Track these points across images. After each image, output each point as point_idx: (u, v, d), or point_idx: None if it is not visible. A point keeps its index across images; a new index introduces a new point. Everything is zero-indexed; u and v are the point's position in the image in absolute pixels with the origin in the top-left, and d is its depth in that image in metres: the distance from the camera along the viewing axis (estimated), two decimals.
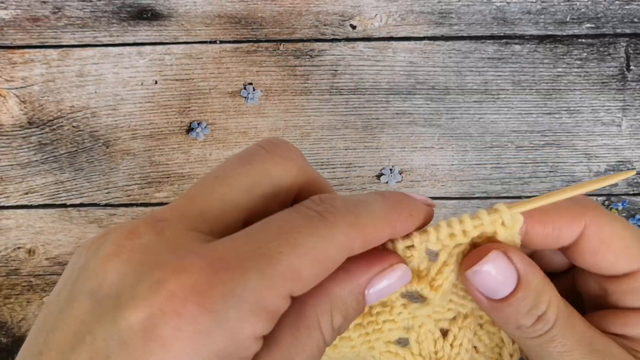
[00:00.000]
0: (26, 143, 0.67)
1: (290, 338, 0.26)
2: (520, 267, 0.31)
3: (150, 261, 0.23)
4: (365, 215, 0.26)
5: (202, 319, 0.22)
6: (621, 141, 0.67)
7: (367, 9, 0.66)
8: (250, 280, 0.23)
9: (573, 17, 0.66)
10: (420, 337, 0.35)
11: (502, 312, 0.31)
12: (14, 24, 0.67)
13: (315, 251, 0.24)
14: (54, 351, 0.24)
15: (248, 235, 0.24)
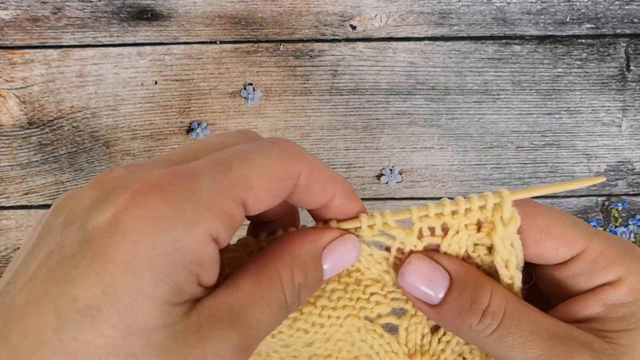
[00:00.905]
0: (26, 143, 0.67)
1: (250, 286, 0.28)
2: (449, 266, 0.32)
3: (120, 185, 0.25)
4: (314, 157, 0.29)
5: (160, 208, 0.24)
6: (621, 141, 0.67)
7: (367, 10, 0.66)
8: (204, 181, 0.25)
9: (573, 18, 0.67)
10: (410, 328, 0.35)
11: (446, 316, 0.31)
12: (14, 25, 0.67)
13: (264, 167, 0.26)
14: (24, 267, 0.26)
15: (208, 156, 0.27)
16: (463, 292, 0.31)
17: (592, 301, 0.31)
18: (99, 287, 0.23)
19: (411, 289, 0.32)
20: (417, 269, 0.32)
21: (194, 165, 0.26)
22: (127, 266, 0.23)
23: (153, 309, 0.24)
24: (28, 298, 0.24)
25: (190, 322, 0.25)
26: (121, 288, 0.23)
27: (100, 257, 0.24)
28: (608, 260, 0.31)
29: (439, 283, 0.31)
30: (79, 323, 0.23)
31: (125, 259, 0.23)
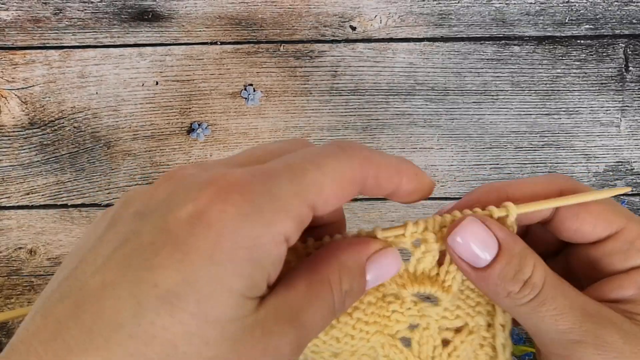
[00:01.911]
0: (27, 144, 0.68)
1: (304, 287, 0.29)
2: (499, 234, 0.32)
3: (197, 181, 0.26)
4: (379, 155, 0.29)
5: (243, 205, 0.25)
6: (620, 142, 0.67)
7: (367, 11, 0.67)
8: (283, 184, 0.26)
9: (572, 18, 0.67)
10: (422, 340, 0.36)
11: (488, 281, 0.32)
12: (15, 25, 0.67)
13: (335, 172, 0.27)
14: (93, 254, 0.26)
15: (280, 159, 0.28)
16: (510, 261, 0.32)
17: (626, 283, 0.32)
18: (180, 275, 0.24)
19: (461, 249, 0.32)
20: (471, 230, 0.32)
21: (271, 167, 0.27)
22: (210, 257, 0.24)
23: (230, 300, 0.25)
24: (104, 281, 0.25)
25: (259, 317, 0.26)
26: (202, 277, 0.24)
27: (184, 246, 0.24)
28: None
29: (490, 247, 0.32)
30: (158, 309, 0.24)
31: (209, 249, 0.24)
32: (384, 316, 0.35)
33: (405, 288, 0.34)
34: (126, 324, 0.24)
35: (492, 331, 0.37)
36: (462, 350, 0.37)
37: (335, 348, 0.35)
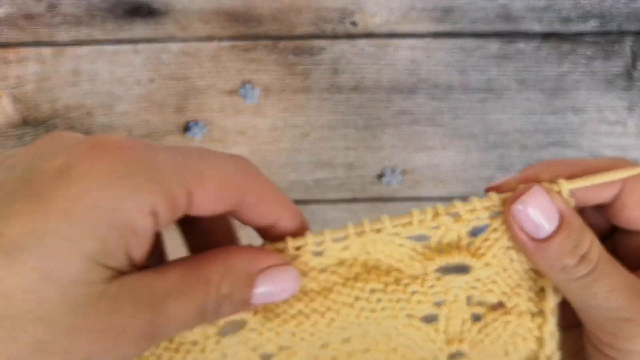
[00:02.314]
0: (20, 143, 0.67)
1: (177, 276, 0.28)
2: (561, 207, 0.33)
3: (77, 138, 0.26)
4: (267, 180, 0.31)
5: (114, 164, 0.24)
6: (627, 141, 0.67)
7: (368, 6, 0.66)
8: (162, 158, 0.26)
9: (578, 15, 0.66)
10: (451, 313, 0.36)
11: (546, 253, 0.33)
12: (7, 22, 0.67)
13: (218, 169, 0.28)
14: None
15: (171, 146, 0.28)
16: (569, 234, 0.32)
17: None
18: (30, 226, 0.23)
19: (524, 217, 0.32)
20: (536, 200, 0.32)
21: (157, 144, 0.26)
22: (64, 212, 0.23)
23: (76, 261, 0.24)
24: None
25: (109, 289, 0.25)
26: (51, 232, 0.23)
27: (39, 199, 0.23)
28: None
29: (553, 218, 0.32)
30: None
31: (65, 205, 0.23)
32: (400, 299, 0.34)
33: (432, 260, 0.34)
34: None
35: (537, 321, 0.37)
36: (493, 328, 0.36)
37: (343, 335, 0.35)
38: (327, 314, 0.34)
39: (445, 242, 0.34)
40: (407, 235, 0.33)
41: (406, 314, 0.35)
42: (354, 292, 0.34)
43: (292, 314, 0.34)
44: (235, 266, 0.30)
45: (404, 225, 0.33)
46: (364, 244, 0.33)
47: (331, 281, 0.34)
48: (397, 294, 0.34)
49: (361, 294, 0.34)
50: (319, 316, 0.34)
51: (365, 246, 0.33)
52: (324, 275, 0.34)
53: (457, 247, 0.34)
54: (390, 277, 0.34)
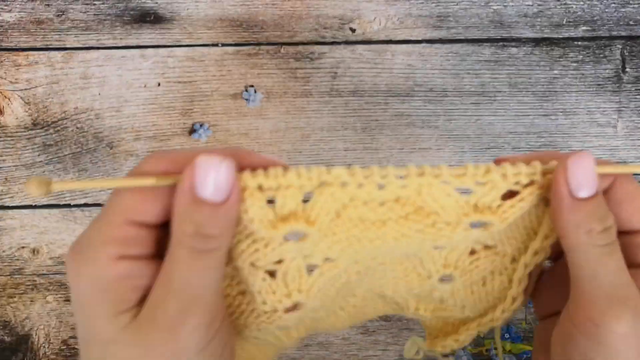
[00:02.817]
0: (30, 144, 0.68)
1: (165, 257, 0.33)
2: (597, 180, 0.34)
3: None
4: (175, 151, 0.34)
5: (74, 260, 0.32)
6: (617, 142, 0.68)
7: (367, 13, 0.67)
8: (93, 227, 0.32)
9: (569, 20, 0.67)
10: (454, 245, 0.40)
11: (579, 212, 0.34)
12: (18, 27, 0.68)
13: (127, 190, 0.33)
14: None
15: None
16: (602, 204, 0.34)
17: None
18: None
19: (573, 172, 0.34)
20: (588, 162, 0.34)
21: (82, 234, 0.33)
22: (78, 302, 0.32)
23: (102, 322, 0.32)
24: None
25: (134, 324, 0.32)
26: (81, 312, 0.32)
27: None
28: None
29: (593, 184, 0.34)
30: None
31: (75, 297, 0.32)
32: (430, 225, 0.37)
33: (467, 216, 0.36)
34: None
35: (515, 265, 0.41)
36: (482, 262, 0.41)
37: (380, 259, 0.40)
38: (375, 241, 0.37)
39: (482, 201, 0.37)
40: (456, 187, 0.36)
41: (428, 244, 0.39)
42: (403, 230, 0.37)
43: (347, 236, 0.37)
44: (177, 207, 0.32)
45: (458, 176, 0.35)
46: (421, 186, 0.36)
47: (387, 215, 0.37)
48: (431, 235, 0.38)
49: (407, 231, 0.37)
50: (368, 242, 0.37)
51: (421, 188, 0.36)
52: (381, 208, 0.37)
53: (489, 207, 0.37)
54: (429, 219, 0.37)
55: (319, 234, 0.37)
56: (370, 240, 0.38)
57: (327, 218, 0.37)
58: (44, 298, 0.69)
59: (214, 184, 0.32)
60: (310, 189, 0.37)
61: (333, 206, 0.37)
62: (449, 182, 0.36)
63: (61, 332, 0.68)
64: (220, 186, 0.32)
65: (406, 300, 0.44)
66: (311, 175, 0.37)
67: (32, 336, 0.68)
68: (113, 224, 0.32)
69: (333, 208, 0.37)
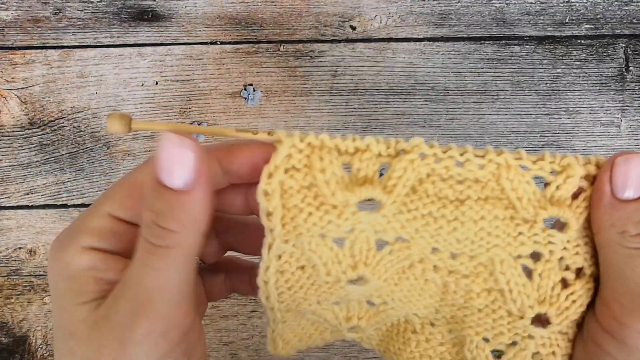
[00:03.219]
0: (27, 143, 0.68)
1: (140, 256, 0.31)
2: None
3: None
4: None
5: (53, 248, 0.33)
6: (620, 142, 0.67)
7: (367, 10, 0.67)
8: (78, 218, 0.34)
9: (572, 18, 0.67)
10: (544, 273, 0.37)
11: (617, 212, 0.34)
12: (15, 25, 0.67)
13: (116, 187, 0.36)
14: None
15: None
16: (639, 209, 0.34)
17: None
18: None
19: (620, 170, 0.34)
20: (636, 163, 0.34)
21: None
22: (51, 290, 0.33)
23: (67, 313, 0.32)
24: None
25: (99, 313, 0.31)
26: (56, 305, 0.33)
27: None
28: None
29: (638, 187, 0.34)
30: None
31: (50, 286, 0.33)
32: (510, 235, 0.37)
33: (545, 209, 0.36)
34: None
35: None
36: (579, 295, 0.38)
37: (455, 248, 0.38)
38: (452, 222, 0.36)
39: (557, 194, 0.36)
40: (533, 175, 0.35)
41: (509, 252, 0.37)
42: (482, 212, 0.36)
43: (423, 213, 0.36)
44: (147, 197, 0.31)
45: (536, 160, 0.35)
46: (499, 168, 0.35)
47: (465, 194, 0.36)
48: (510, 229, 0.37)
49: (487, 215, 0.36)
50: (445, 222, 0.36)
51: (500, 171, 0.35)
52: (460, 187, 0.36)
53: (564, 202, 0.36)
54: (507, 212, 0.36)
55: (394, 207, 0.36)
56: (447, 221, 0.36)
57: (403, 190, 0.36)
58: (41, 299, 0.68)
59: (181, 168, 0.29)
60: (386, 157, 0.37)
61: (411, 176, 0.36)
62: (528, 167, 0.36)
63: None
64: (188, 171, 0.29)
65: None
66: (389, 142, 0.37)
67: (29, 337, 0.68)
68: (94, 214, 0.33)
69: (410, 179, 0.36)
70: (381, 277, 0.38)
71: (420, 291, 0.40)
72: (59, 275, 0.32)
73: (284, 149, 0.35)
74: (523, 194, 0.36)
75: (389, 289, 0.39)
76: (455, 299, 0.40)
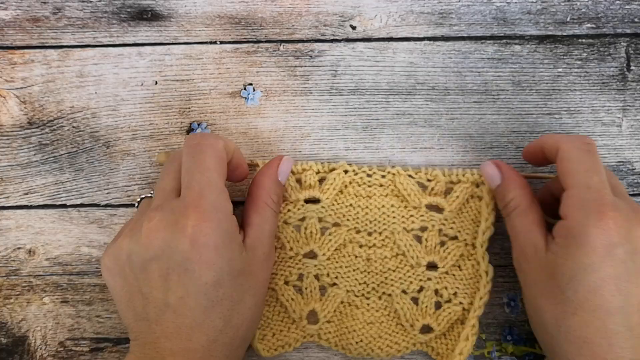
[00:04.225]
0: (26, 143, 0.68)
1: (254, 215, 0.57)
2: (504, 172, 0.59)
3: (170, 225, 0.51)
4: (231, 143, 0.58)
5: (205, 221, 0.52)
6: (621, 141, 0.67)
7: (367, 10, 0.67)
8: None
9: (573, 17, 0.67)
10: (428, 238, 0.64)
11: (496, 194, 0.60)
12: (14, 25, 0.67)
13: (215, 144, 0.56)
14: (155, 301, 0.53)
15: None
16: (501, 190, 0.59)
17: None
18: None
19: (484, 174, 0.62)
20: (486, 169, 0.61)
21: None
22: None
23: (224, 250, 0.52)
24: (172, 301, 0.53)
25: (245, 254, 0.54)
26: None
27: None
28: None
29: (495, 179, 0.60)
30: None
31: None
32: (404, 216, 0.64)
33: (425, 199, 0.63)
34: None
35: (475, 250, 0.63)
36: (451, 250, 0.63)
37: (370, 228, 0.64)
38: (365, 209, 0.63)
39: (433, 191, 0.63)
40: (416, 181, 0.63)
41: (403, 227, 0.63)
42: (383, 202, 0.63)
43: (347, 204, 0.63)
44: (267, 183, 0.59)
45: (416, 172, 0.64)
46: (395, 176, 0.63)
47: (373, 192, 0.63)
48: (403, 212, 0.63)
49: (387, 204, 0.63)
50: (360, 209, 0.63)
51: (395, 178, 0.63)
52: (370, 188, 0.63)
53: (439, 194, 0.63)
54: (402, 202, 0.63)
55: (328, 201, 0.63)
56: (362, 209, 0.63)
57: (334, 191, 0.63)
58: (40, 299, 0.68)
59: (284, 174, 0.60)
60: (323, 173, 0.63)
61: (339, 183, 0.63)
62: (413, 176, 0.63)
63: (58, 334, 0.68)
64: (286, 176, 0.61)
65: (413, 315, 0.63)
66: (325, 165, 0.63)
67: (28, 338, 0.68)
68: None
69: (338, 184, 0.63)
70: (325, 254, 0.63)
71: (353, 266, 0.63)
72: (217, 230, 0.51)
73: None
74: (410, 191, 0.63)
75: (332, 266, 0.63)
76: (376, 267, 0.63)
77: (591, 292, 0.48)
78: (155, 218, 0.50)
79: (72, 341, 0.68)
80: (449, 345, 0.62)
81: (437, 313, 0.62)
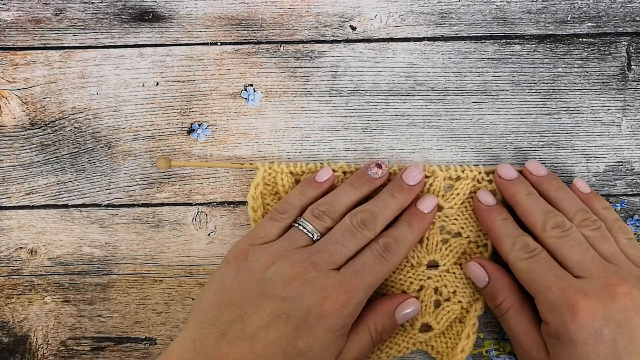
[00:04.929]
0: (28, 144, 0.68)
1: (353, 334, 0.55)
2: (490, 273, 0.60)
3: (316, 288, 0.53)
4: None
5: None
6: (621, 141, 0.67)
7: (367, 10, 0.67)
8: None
9: (574, 16, 0.66)
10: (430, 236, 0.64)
11: (484, 294, 0.61)
12: (15, 26, 0.67)
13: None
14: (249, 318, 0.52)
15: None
16: (489, 291, 0.60)
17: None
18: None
19: (470, 276, 0.61)
20: (470, 270, 0.61)
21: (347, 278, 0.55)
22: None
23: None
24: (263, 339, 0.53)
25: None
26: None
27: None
28: None
29: (482, 280, 0.60)
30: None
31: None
32: None
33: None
34: None
35: (480, 249, 0.63)
36: (453, 248, 0.63)
37: None
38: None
39: (432, 187, 0.64)
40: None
41: None
42: None
43: None
44: (379, 313, 0.58)
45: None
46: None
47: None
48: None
49: None
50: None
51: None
52: None
53: (437, 195, 0.63)
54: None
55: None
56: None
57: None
58: (42, 299, 0.68)
59: (401, 319, 0.61)
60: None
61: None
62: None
63: (59, 333, 0.68)
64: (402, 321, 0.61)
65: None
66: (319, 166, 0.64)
67: (30, 337, 0.68)
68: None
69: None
70: None
71: None
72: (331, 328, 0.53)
73: (260, 172, 0.63)
74: None
75: None
76: None
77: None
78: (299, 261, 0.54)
79: (74, 340, 0.68)
80: (448, 344, 0.62)
81: (437, 312, 0.62)
